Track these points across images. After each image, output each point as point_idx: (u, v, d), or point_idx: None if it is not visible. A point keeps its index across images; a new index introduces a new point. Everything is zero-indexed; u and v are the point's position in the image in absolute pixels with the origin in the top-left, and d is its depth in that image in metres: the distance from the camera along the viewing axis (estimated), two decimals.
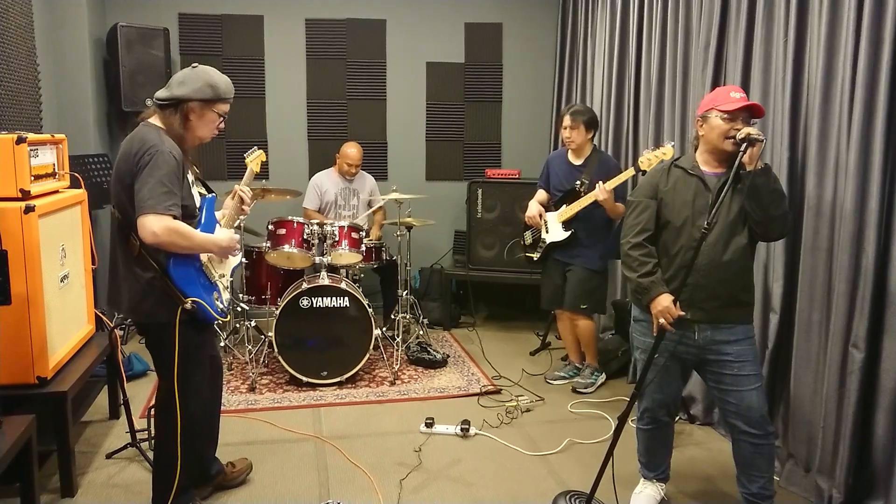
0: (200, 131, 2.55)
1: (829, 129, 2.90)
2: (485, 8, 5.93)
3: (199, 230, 2.54)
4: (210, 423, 2.91)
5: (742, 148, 2.43)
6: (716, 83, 3.59)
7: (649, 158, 3.50)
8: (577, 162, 4.10)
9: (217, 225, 2.67)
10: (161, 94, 2.51)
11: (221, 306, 2.67)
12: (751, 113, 2.54)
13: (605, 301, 4.35)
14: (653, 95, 4.24)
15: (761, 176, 2.46)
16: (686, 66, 3.92)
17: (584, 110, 4.05)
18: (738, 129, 2.49)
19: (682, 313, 2.52)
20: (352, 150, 5.10)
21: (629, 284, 2.73)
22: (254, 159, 2.97)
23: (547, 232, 4.18)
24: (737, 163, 2.44)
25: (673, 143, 3.56)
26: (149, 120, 2.52)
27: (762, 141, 2.44)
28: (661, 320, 2.54)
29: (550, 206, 4.21)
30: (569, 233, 4.06)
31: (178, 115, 2.48)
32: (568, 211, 4.02)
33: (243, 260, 4.49)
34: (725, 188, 2.43)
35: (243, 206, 2.77)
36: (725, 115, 2.52)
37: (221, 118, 2.58)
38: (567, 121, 4.03)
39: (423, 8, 5.83)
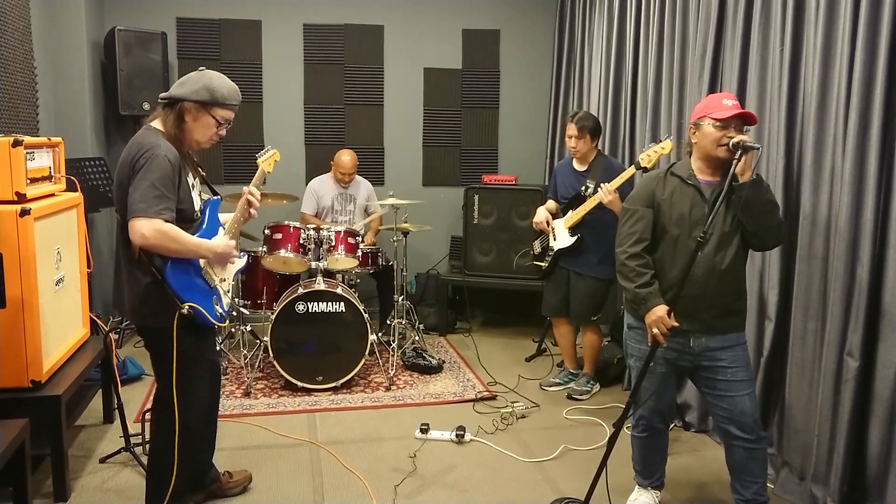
0: (196, 134, 2.51)
1: (824, 137, 2.91)
2: (482, 14, 5.94)
3: (199, 234, 2.53)
4: (207, 429, 2.89)
5: (736, 156, 2.43)
6: (712, 90, 3.59)
7: (649, 155, 3.47)
8: (582, 168, 4.09)
9: (220, 229, 2.66)
10: (164, 93, 2.53)
11: (221, 311, 2.65)
12: (743, 121, 2.53)
13: (612, 310, 4.27)
14: (649, 103, 4.25)
15: (752, 188, 2.45)
16: (683, 73, 3.93)
17: (587, 118, 4.03)
18: (731, 137, 2.48)
19: (676, 324, 2.51)
20: (345, 159, 5.09)
21: (626, 294, 2.72)
22: (266, 159, 2.86)
23: (555, 239, 4.14)
24: (731, 172, 2.43)
25: (670, 137, 3.54)
26: (151, 123, 2.52)
27: (756, 149, 2.43)
28: (655, 330, 2.53)
29: (558, 214, 4.18)
30: (575, 238, 4.01)
31: (173, 114, 2.47)
32: (574, 216, 3.98)
33: (249, 261, 4.41)
34: (718, 202, 2.42)
35: (251, 210, 2.70)
36: (718, 123, 2.51)
37: (221, 124, 2.54)
38: (572, 129, 4.00)
39: (421, 14, 5.84)
